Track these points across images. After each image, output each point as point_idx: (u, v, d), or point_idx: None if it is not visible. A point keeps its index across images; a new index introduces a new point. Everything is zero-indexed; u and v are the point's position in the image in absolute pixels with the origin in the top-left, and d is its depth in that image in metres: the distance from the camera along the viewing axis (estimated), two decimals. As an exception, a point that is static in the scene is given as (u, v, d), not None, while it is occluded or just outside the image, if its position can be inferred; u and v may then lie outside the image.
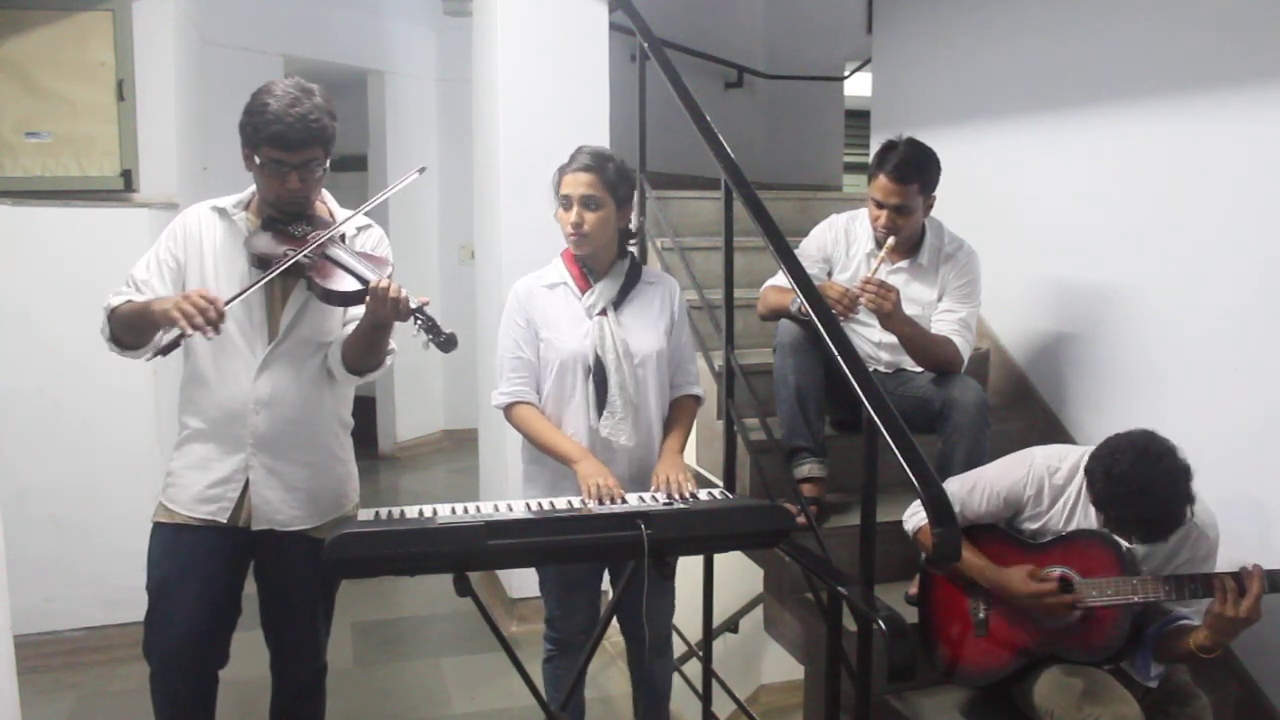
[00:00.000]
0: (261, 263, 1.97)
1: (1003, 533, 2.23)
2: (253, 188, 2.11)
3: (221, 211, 2.10)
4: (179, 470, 2.10)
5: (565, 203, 2.25)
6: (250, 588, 2.18)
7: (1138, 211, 2.89)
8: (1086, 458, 2.16)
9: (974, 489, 2.22)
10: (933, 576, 2.33)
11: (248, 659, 2.29)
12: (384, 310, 1.92)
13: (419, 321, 1.92)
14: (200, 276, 2.05)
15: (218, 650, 2.13)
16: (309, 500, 2.11)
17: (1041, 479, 2.17)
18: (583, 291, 2.29)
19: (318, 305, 2.06)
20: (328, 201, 2.20)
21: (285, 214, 2.05)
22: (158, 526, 2.10)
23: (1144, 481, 1.92)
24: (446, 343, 1.91)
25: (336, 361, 2.10)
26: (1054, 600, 2.07)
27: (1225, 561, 2.17)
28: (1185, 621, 2.08)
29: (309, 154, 1.98)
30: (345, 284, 1.98)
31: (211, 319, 1.82)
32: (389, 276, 1.97)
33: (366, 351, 2.06)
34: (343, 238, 2.13)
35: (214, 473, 2.06)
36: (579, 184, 2.23)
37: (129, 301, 2.01)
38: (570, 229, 2.24)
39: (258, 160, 1.98)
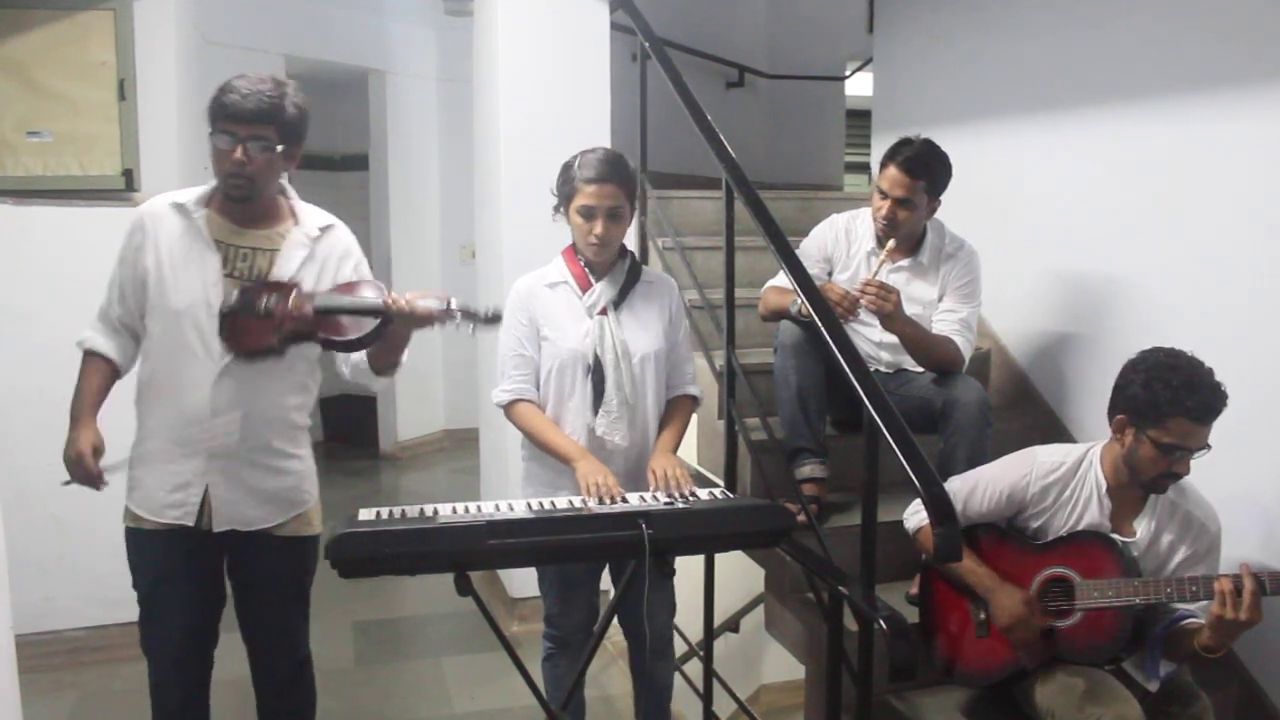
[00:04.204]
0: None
1: (1004, 533, 2.23)
2: (213, 183, 2.11)
3: (180, 207, 2.08)
4: (140, 475, 2.11)
5: (587, 213, 2.22)
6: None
7: (1138, 211, 2.89)
8: (1090, 455, 2.16)
9: (975, 488, 2.22)
10: (933, 576, 2.33)
11: (243, 658, 2.30)
12: (410, 326, 1.99)
13: (457, 319, 1.96)
14: (159, 286, 2.05)
15: (213, 636, 2.19)
16: (269, 500, 2.13)
17: (1044, 477, 2.17)
18: (584, 290, 2.30)
19: None
20: (291, 198, 2.18)
21: (233, 197, 2.04)
22: (130, 532, 2.12)
23: (1187, 354, 2.03)
24: (491, 319, 1.98)
25: (360, 370, 2.16)
26: (1029, 637, 2.08)
27: (1227, 561, 2.16)
28: (1192, 620, 2.07)
29: (258, 129, 1.98)
30: (364, 326, 2.00)
31: (91, 482, 2.04)
32: (385, 294, 2.01)
33: (393, 351, 2.12)
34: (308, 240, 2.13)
35: (175, 477, 2.07)
36: (604, 196, 2.21)
37: (88, 369, 2.09)
38: (594, 240, 2.23)
39: (211, 134, 2.00)
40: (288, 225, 2.14)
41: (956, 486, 2.23)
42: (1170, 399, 1.97)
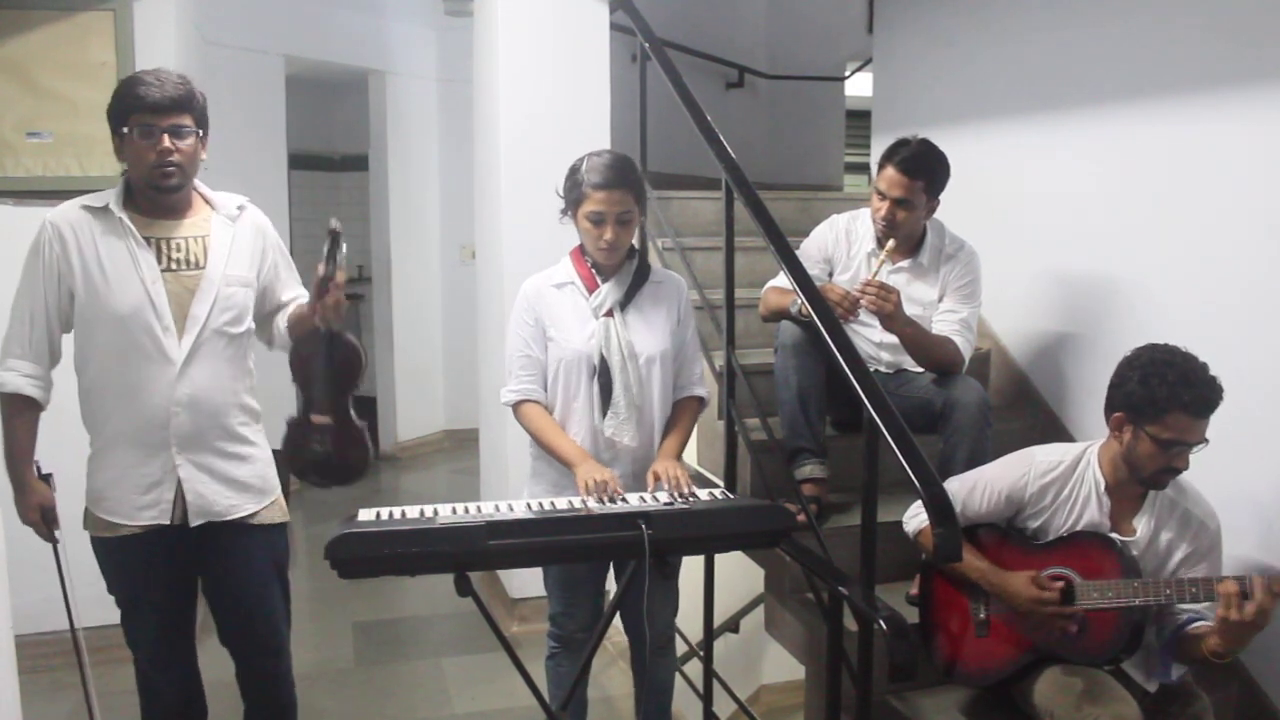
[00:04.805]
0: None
1: (1003, 532, 2.23)
2: (118, 187, 2.10)
3: (99, 210, 2.06)
4: (108, 484, 2.09)
5: (596, 219, 2.21)
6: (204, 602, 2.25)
7: (1138, 211, 2.89)
8: (1088, 454, 2.16)
9: (974, 488, 2.22)
10: (934, 576, 2.33)
11: (229, 658, 2.31)
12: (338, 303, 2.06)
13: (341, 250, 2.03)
14: (92, 294, 2.03)
15: (192, 628, 2.22)
16: (240, 488, 2.15)
17: (1042, 477, 2.17)
18: (590, 291, 2.30)
19: (229, 296, 2.11)
20: (200, 189, 2.17)
21: (165, 188, 2.04)
22: (101, 542, 2.11)
23: (1182, 349, 2.02)
24: (333, 241, 2.02)
25: (282, 339, 2.26)
26: (1054, 610, 2.06)
27: (1227, 560, 2.17)
28: (1202, 623, 2.06)
29: (177, 118, 2.00)
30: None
31: (49, 540, 2.16)
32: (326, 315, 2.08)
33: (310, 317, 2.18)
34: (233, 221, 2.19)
35: (145, 478, 2.07)
36: (613, 202, 2.20)
37: (16, 419, 2.09)
38: (604, 245, 2.23)
39: (126, 131, 2.00)
40: (206, 211, 2.15)
41: (955, 488, 2.23)
42: (1168, 394, 1.97)
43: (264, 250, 2.20)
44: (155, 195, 2.06)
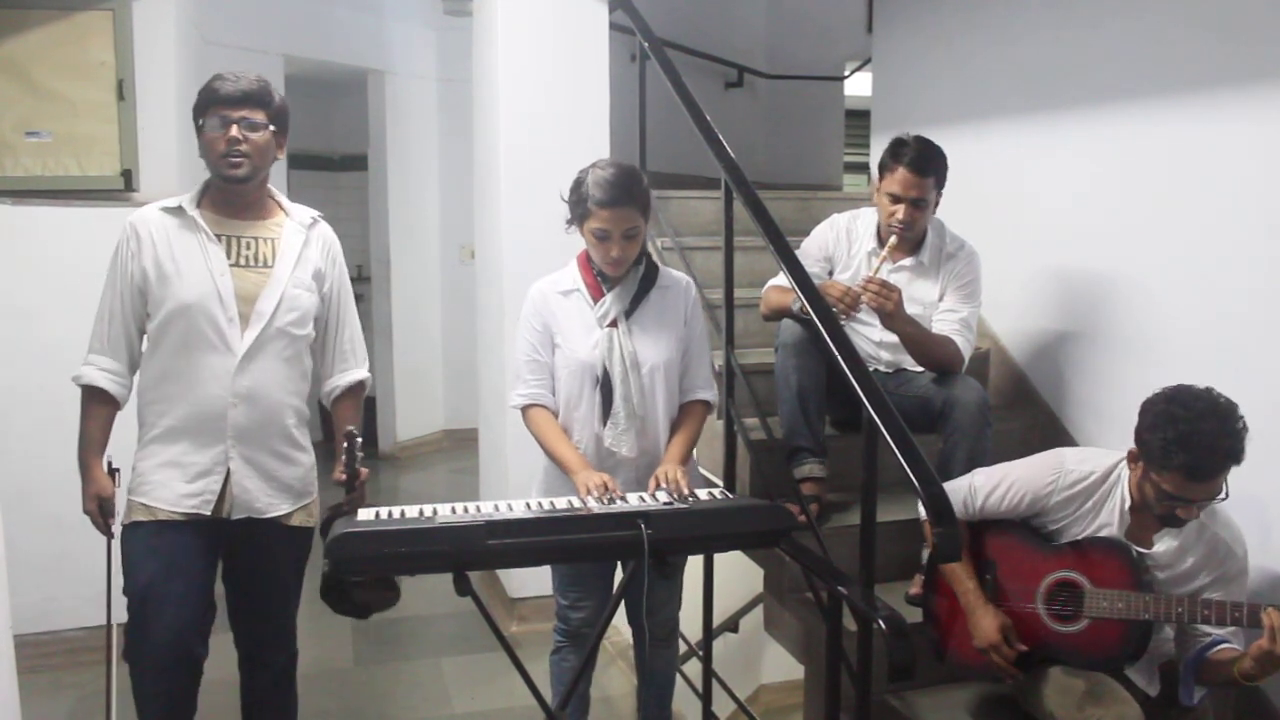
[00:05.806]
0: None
1: (1020, 528, 2.21)
2: (195, 189, 2.17)
3: (173, 210, 2.14)
4: (153, 469, 2.12)
5: (602, 235, 2.19)
6: (218, 589, 2.24)
7: (1138, 211, 2.89)
8: (1120, 469, 2.11)
9: (998, 486, 2.19)
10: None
11: (230, 658, 2.32)
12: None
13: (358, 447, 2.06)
14: (163, 284, 2.09)
15: (203, 642, 2.18)
16: (284, 488, 2.19)
17: (1069, 488, 2.13)
18: (595, 300, 2.29)
19: (295, 296, 2.16)
20: (276, 196, 2.25)
21: (232, 178, 2.10)
22: (136, 526, 2.12)
23: (1210, 401, 1.93)
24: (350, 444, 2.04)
25: (326, 396, 2.35)
26: (1004, 665, 2.08)
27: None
28: (1226, 646, 2.03)
29: (249, 111, 2.08)
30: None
31: (104, 532, 2.20)
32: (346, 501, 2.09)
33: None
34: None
35: (194, 467, 2.10)
36: (619, 220, 2.18)
37: (89, 411, 2.14)
38: (610, 261, 2.22)
39: (201, 124, 2.08)
40: (280, 217, 2.22)
41: (981, 481, 2.22)
42: (1162, 451, 1.91)
43: (330, 264, 2.26)
44: (225, 187, 2.13)
